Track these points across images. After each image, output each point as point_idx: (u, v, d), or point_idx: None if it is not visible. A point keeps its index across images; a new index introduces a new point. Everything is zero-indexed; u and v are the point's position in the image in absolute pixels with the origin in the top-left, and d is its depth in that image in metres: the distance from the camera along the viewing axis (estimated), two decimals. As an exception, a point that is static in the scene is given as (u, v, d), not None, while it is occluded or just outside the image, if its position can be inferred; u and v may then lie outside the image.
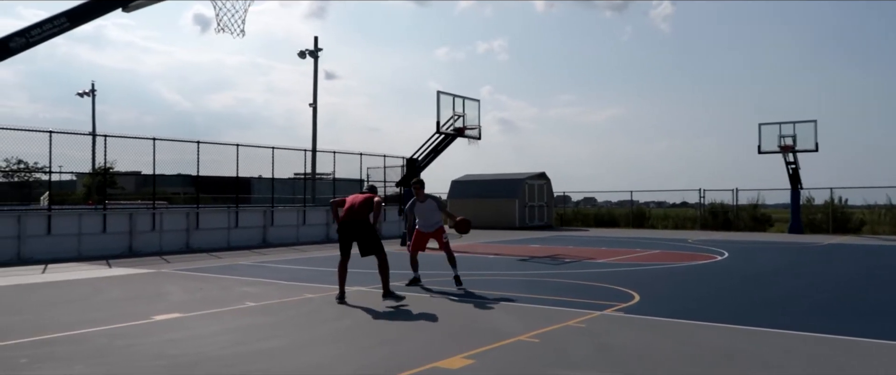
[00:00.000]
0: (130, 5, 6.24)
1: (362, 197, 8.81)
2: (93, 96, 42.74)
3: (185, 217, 18.94)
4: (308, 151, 24.71)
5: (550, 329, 6.69)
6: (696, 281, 11.01)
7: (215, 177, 21.32)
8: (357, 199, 8.81)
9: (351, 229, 8.66)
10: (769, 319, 7.33)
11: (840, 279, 11.35)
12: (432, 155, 20.13)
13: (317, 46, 32.22)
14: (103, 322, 7.10)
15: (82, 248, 16.20)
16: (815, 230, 27.29)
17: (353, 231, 8.65)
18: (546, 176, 32.92)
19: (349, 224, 8.66)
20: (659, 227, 31.51)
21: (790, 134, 25.55)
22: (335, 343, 6.24)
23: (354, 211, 8.66)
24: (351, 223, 8.65)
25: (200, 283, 10.63)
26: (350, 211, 8.70)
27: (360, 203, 8.72)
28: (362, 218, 8.62)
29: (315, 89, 32.24)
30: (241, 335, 6.55)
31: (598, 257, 15.25)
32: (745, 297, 9.21)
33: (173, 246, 18.10)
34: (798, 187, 26.18)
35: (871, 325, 7.02)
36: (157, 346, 6.02)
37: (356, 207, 8.69)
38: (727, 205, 30.76)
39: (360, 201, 8.74)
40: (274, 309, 8.12)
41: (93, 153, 18.00)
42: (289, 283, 10.56)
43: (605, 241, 21.29)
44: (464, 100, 20.29)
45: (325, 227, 22.91)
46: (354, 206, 8.71)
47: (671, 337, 6.39)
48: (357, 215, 8.64)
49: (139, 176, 30.71)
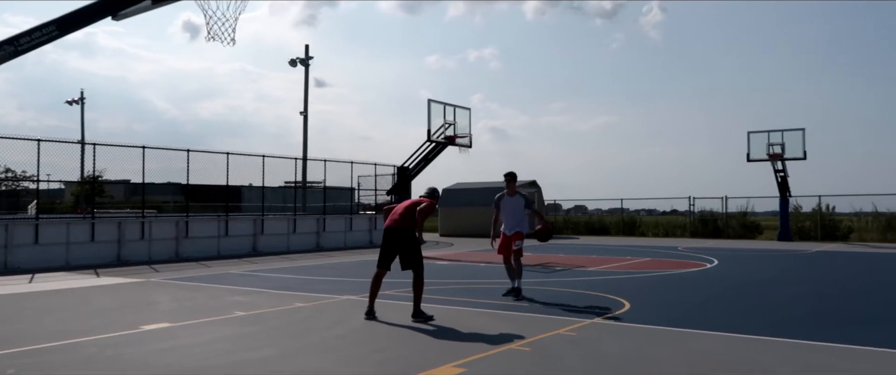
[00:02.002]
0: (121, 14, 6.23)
1: (409, 202, 7.97)
2: (82, 104, 42.56)
3: (175, 225, 18.84)
4: (299, 159, 24.67)
5: (542, 337, 6.69)
6: (686, 289, 11.05)
7: (205, 186, 21.26)
8: (405, 204, 7.93)
9: (391, 237, 7.79)
10: (760, 326, 7.36)
11: (830, 286, 11.42)
12: (423, 163, 20.15)
13: (308, 54, 32.22)
14: (92, 332, 7.04)
15: (70, 257, 16.08)
16: (804, 237, 27.46)
17: (394, 240, 7.77)
18: (537, 184, 32.99)
19: (389, 231, 7.80)
20: (649, 235, 31.63)
21: (779, 142, 25.76)
22: (326, 352, 6.21)
23: (396, 218, 7.77)
24: (391, 231, 7.79)
25: (189, 292, 10.57)
26: (392, 217, 7.84)
27: (404, 207, 7.84)
28: (405, 226, 7.74)
29: (306, 97, 32.21)
30: (231, 344, 6.51)
31: (588, 265, 15.28)
32: (735, 305, 9.24)
33: (162, 255, 17.99)
34: (787, 195, 26.37)
35: (863, 332, 7.07)
36: (145, 356, 5.97)
37: (399, 212, 7.80)
38: (717, 213, 30.94)
39: (405, 205, 7.87)
40: (264, 318, 8.07)
41: (81, 161, 17.88)
42: (279, 292, 10.51)
43: (596, 249, 21.33)
44: (455, 108, 20.33)
45: (315, 236, 22.84)
46: (398, 211, 7.83)
47: (663, 345, 6.40)
48: (399, 222, 7.74)
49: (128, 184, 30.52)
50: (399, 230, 7.75)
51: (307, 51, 32.21)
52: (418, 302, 7.79)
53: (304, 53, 32.20)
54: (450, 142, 20.01)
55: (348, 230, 24.11)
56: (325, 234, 23.02)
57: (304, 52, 32.10)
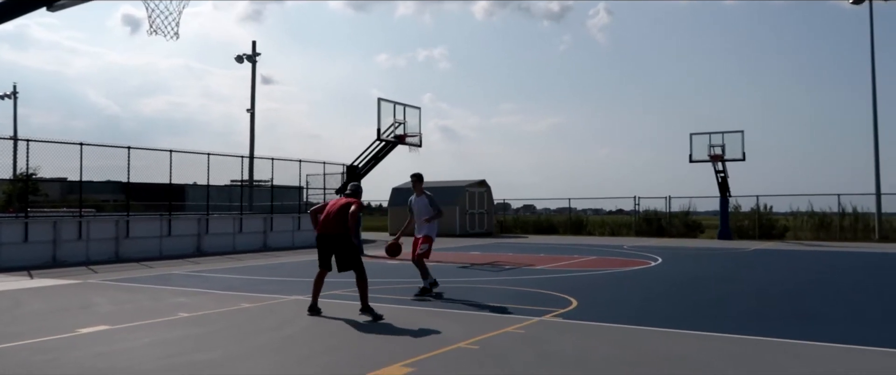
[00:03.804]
0: (56, 4, 5.97)
1: (338, 206, 7.96)
2: (14, 98, 40.84)
3: (115, 225, 18.24)
4: (245, 158, 24.17)
5: (490, 335, 6.71)
6: (632, 287, 11.27)
7: (147, 184, 20.63)
8: (333, 208, 7.95)
9: (326, 243, 7.93)
10: (704, 322, 7.56)
11: (767, 283, 11.81)
12: (373, 162, 20.01)
13: (255, 51, 31.66)
14: (25, 336, 6.74)
15: (2, 258, 15.37)
16: (743, 236, 28.38)
17: (329, 245, 7.92)
18: (487, 183, 33.20)
19: (324, 238, 7.91)
20: (596, 234, 32.18)
21: (719, 144, 26.54)
22: (272, 353, 6.09)
23: (330, 223, 7.86)
24: (325, 237, 7.89)
25: (130, 294, 10.24)
26: (325, 223, 7.90)
27: (335, 212, 7.89)
28: (338, 231, 7.82)
29: (253, 94, 31.64)
30: (174, 347, 6.33)
31: (536, 263, 15.44)
32: (679, 301, 9.48)
33: (101, 256, 17.39)
34: (727, 195, 27.21)
35: (798, 327, 7.33)
36: (83, 360, 5.74)
37: (331, 217, 7.87)
38: (661, 213, 31.70)
39: (336, 210, 7.91)
40: (209, 319, 7.88)
41: (14, 158, 17.12)
42: (224, 293, 10.27)
43: (544, 248, 21.59)
44: (405, 107, 20.26)
45: (262, 235, 22.45)
46: (330, 216, 7.89)
47: (610, 342, 6.51)
48: (332, 228, 7.84)
49: (65, 182, 29.44)
50: (333, 236, 7.85)
51: (254, 47, 31.65)
52: (365, 298, 7.87)
53: (251, 50, 31.64)
54: (400, 141, 19.92)
55: (296, 229, 23.77)
56: (273, 234, 22.64)
57: (252, 48, 31.55)
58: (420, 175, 9.96)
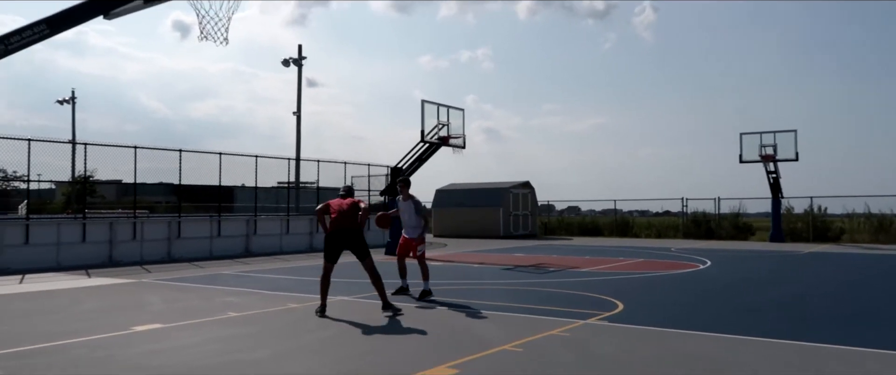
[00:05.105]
0: (112, 13, 6.19)
1: (348, 203, 8.60)
2: (72, 104, 42.36)
3: (167, 226, 18.76)
4: (292, 160, 24.59)
5: (534, 338, 6.68)
6: (679, 290, 11.07)
7: (198, 186, 21.16)
8: (344, 205, 8.56)
9: (343, 238, 8.45)
10: (752, 327, 7.38)
11: (820, 287, 11.46)
12: (417, 163, 20.12)
13: (301, 54, 32.16)
14: (82, 333, 6.99)
15: (61, 258, 15.98)
16: (796, 238, 27.58)
17: (346, 239, 8.45)
18: (530, 184, 33.02)
19: (341, 233, 8.44)
20: (642, 236, 31.70)
21: (771, 143, 25.87)
22: (318, 353, 6.19)
23: (345, 219, 8.45)
24: (343, 232, 8.43)
25: (181, 293, 10.52)
26: (340, 219, 8.46)
27: (347, 209, 8.51)
28: (354, 226, 8.46)
29: (299, 98, 32.15)
30: (223, 345, 6.48)
31: (581, 266, 15.30)
32: (728, 306, 9.27)
33: (154, 256, 17.91)
34: (779, 196, 26.49)
35: (853, 333, 7.09)
36: (137, 357, 5.93)
37: (345, 214, 8.47)
38: (709, 214, 31.02)
39: (348, 207, 8.53)
40: (256, 319, 8.04)
41: (72, 161, 17.80)
42: (272, 293, 10.47)
43: (589, 250, 21.36)
44: (448, 108, 20.32)
45: (308, 237, 22.79)
46: (344, 213, 8.48)
47: (655, 346, 6.41)
48: (348, 223, 8.43)
49: (120, 184, 30.33)
50: (350, 230, 8.47)
51: (300, 51, 32.16)
52: (384, 295, 8.55)
53: (297, 53, 32.16)
54: (443, 142, 19.98)
55: (341, 231, 24.00)
56: (319, 235, 22.92)
57: (298, 52, 32.07)
58: (407, 180, 10.44)
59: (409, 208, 10.14)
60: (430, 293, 9.80)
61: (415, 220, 10.12)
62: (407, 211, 10.15)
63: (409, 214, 10.13)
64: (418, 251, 10.09)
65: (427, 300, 9.49)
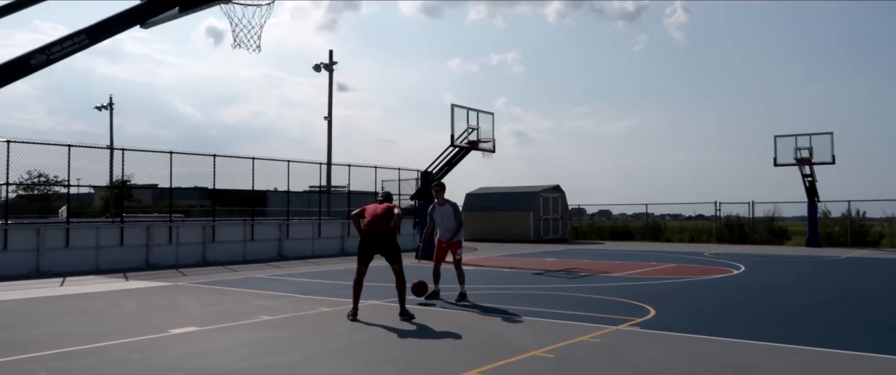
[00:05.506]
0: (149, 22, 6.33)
1: (383, 208, 8.65)
2: (111, 110, 43.31)
3: (202, 230, 19.08)
4: (323, 164, 24.86)
5: (565, 344, 6.66)
6: (712, 296, 10.92)
7: (231, 190, 21.49)
8: (378, 210, 8.63)
9: (376, 241, 8.51)
10: (787, 334, 7.26)
11: (858, 293, 11.21)
12: (446, 168, 20.16)
13: (331, 60, 32.47)
14: (121, 335, 7.16)
15: (100, 261, 16.36)
16: (833, 243, 26.99)
17: (378, 243, 8.50)
18: (560, 188, 32.85)
19: (375, 236, 8.50)
20: (675, 240, 31.31)
21: (806, 146, 25.40)
22: (350, 357, 6.25)
23: (379, 223, 8.52)
24: (376, 235, 8.50)
25: (216, 296, 10.70)
26: (374, 223, 8.52)
27: (382, 214, 8.57)
28: (388, 231, 8.51)
29: (330, 102, 32.45)
30: (257, 348, 6.58)
31: (613, 271, 15.17)
32: (762, 312, 9.11)
33: (189, 259, 18.23)
34: (815, 200, 25.97)
35: (889, 341, 6.93)
36: (173, 360, 6.06)
37: (379, 218, 8.54)
38: (743, 218, 30.53)
39: (382, 212, 8.59)
40: (289, 322, 8.15)
41: (110, 166, 18.21)
42: (304, 297, 10.59)
43: (621, 255, 21.17)
44: (478, 112, 20.34)
45: (339, 240, 22.98)
46: (378, 217, 8.55)
47: (688, 353, 6.34)
48: (381, 227, 8.50)
49: (156, 188, 30.99)
50: (383, 234, 8.52)
51: (331, 56, 32.47)
52: (403, 301, 8.54)
53: (328, 58, 32.48)
54: (473, 147, 20.01)
55: (372, 234, 24.14)
56: (350, 239, 23.13)
57: (328, 57, 32.37)
58: (443, 184, 10.25)
59: (446, 212, 10.04)
60: (466, 296, 9.81)
61: (452, 224, 10.02)
62: (443, 215, 10.06)
63: (447, 219, 10.04)
64: (458, 255, 10.06)
65: (460, 303, 9.51)
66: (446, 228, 10.02)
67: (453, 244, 10.03)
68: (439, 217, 10.09)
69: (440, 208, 10.09)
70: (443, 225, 10.05)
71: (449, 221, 9.99)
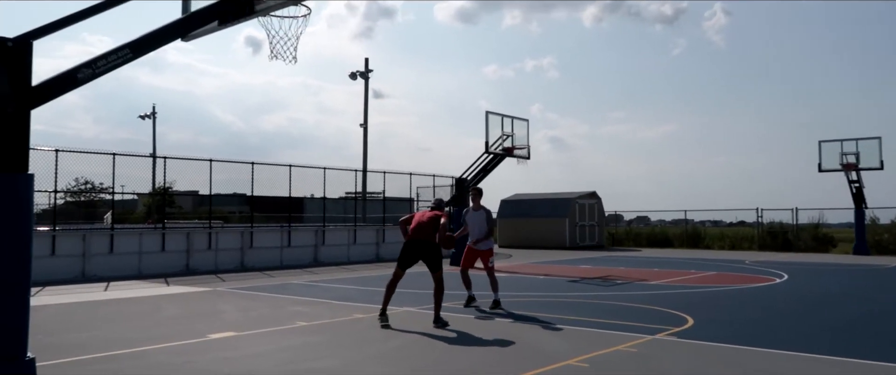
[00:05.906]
0: (189, 35, 6.49)
1: (430, 216, 8.68)
2: (154, 119, 44.39)
3: (240, 236, 19.41)
4: (359, 171, 25.07)
5: (600, 353, 6.59)
6: (753, 305, 10.69)
7: (269, 197, 21.82)
8: (424, 217, 8.67)
9: (417, 248, 8.53)
10: (832, 346, 7.07)
11: (908, 303, 10.85)
12: (481, 174, 20.17)
13: (367, 68, 32.79)
14: (162, 340, 7.33)
15: (142, 266, 16.76)
16: (882, 251, 26.17)
17: (420, 250, 8.53)
18: (597, 194, 32.54)
19: (417, 243, 8.53)
20: (715, 248, 30.72)
21: (853, 151, 24.73)
22: (384, 363, 6.29)
23: (423, 230, 8.55)
24: (419, 242, 8.53)
25: (254, 302, 10.86)
26: (418, 230, 8.57)
27: (427, 222, 8.60)
28: (430, 238, 8.52)
29: (366, 110, 32.76)
30: (293, 354, 6.67)
31: (650, 278, 14.96)
32: (804, 323, 8.89)
33: (228, 265, 18.55)
34: (862, 206, 25.23)
35: (941, 354, 6.70)
36: (213, 364, 6.18)
37: (424, 225, 8.57)
38: (786, 225, 29.80)
39: (428, 219, 8.62)
40: (324, 328, 8.23)
41: (153, 173, 18.69)
42: (339, 303, 10.69)
43: (659, 262, 20.87)
44: (512, 119, 20.32)
45: (375, 247, 23.13)
46: (423, 224, 8.58)
47: (726, 364, 6.22)
48: (425, 234, 8.52)
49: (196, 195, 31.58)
50: (425, 242, 8.54)
51: (367, 64, 32.79)
52: (439, 309, 8.45)
53: (364, 66, 32.80)
54: (508, 153, 19.99)
55: (407, 241, 24.25)
56: (385, 245, 23.27)
57: (364, 65, 32.70)
58: (480, 189, 10.46)
59: (479, 217, 10.11)
60: (500, 304, 9.82)
61: (483, 229, 10.07)
62: (476, 221, 10.13)
63: (479, 224, 10.09)
64: (489, 262, 10.11)
65: (494, 311, 9.50)
66: (478, 232, 10.11)
67: (484, 253, 10.07)
68: (472, 221, 10.19)
69: (474, 212, 10.19)
70: (474, 229, 10.14)
71: (481, 226, 10.07)
